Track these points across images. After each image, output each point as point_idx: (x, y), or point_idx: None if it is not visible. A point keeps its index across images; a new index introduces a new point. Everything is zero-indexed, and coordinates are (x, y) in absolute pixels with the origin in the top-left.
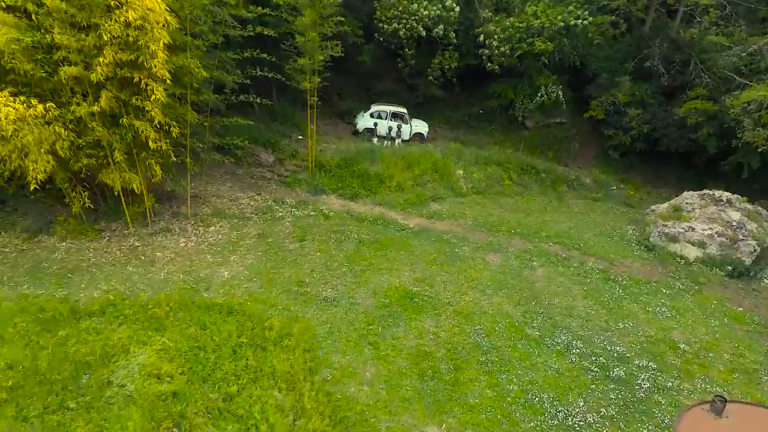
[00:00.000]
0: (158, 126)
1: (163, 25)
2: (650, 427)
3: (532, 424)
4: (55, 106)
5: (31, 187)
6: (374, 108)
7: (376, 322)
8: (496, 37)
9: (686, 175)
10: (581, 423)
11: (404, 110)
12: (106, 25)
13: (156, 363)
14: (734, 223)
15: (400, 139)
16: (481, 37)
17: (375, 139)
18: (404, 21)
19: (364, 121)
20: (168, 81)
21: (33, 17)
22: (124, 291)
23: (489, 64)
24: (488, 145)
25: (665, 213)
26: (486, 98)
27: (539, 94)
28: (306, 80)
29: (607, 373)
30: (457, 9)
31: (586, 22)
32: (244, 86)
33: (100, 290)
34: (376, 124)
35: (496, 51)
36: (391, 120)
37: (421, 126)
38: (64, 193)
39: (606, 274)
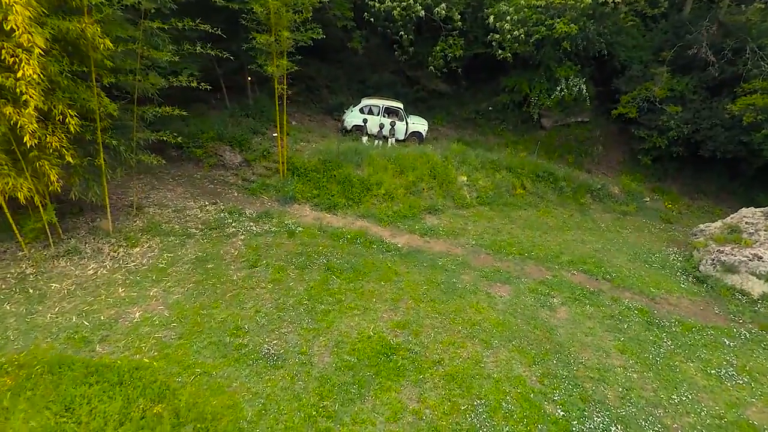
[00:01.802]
0: (42, 114)
1: None
2: None
3: None
4: None
5: None
6: (365, 102)
7: (333, 394)
8: (508, 18)
9: (730, 185)
10: None
11: (400, 105)
12: None
13: None
14: None
15: (393, 139)
16: (491, 19)
17: (365, 138)
18: None
19: (352, 118)
20: (39, 51)
21: None
22: None
23: (500, 52)
24: (498, 147)
25: (719, 235)
26: (496, 93)
27: (558, 89)
28: (272, 64)
29: None
30: None
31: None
32: (211, 75)
33: None
34: (366, 121)
35: (509, 36)
36: (383, 116)
37: (419, 124)
38: None
39: (648, 316)
